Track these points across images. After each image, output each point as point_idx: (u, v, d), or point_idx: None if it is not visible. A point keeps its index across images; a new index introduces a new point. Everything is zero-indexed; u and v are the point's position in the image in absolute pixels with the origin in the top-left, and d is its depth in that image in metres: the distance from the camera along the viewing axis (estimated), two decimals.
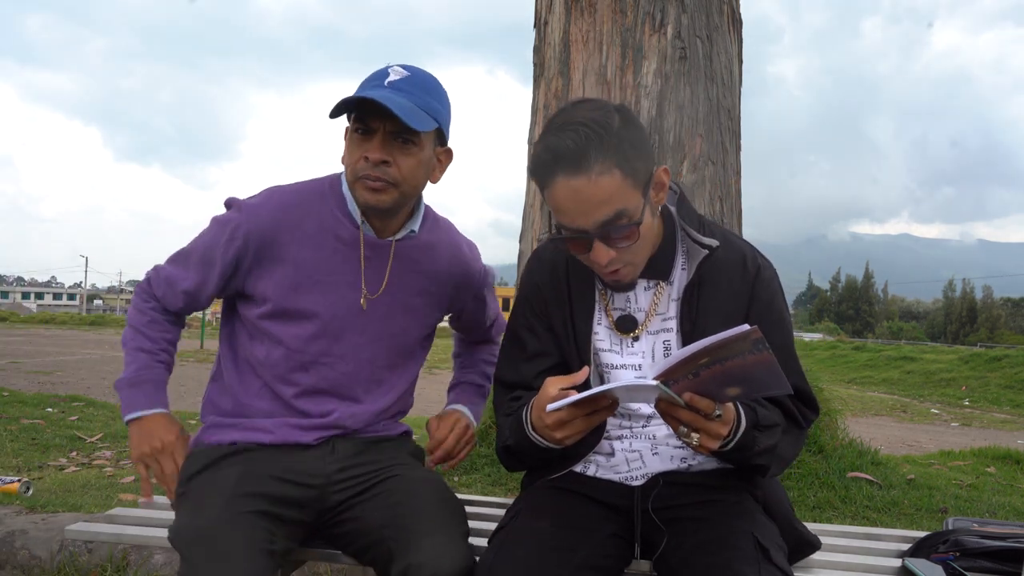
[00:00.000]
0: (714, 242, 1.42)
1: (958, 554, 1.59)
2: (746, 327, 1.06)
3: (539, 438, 1.34)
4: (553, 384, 1.29)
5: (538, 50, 3.88)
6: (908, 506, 3.33)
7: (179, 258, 1.60)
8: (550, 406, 1.23)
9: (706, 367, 1.12)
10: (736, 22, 3.84)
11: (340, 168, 1.57)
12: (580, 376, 1.29)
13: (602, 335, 1.48)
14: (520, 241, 3.94)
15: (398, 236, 1.58)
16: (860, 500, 3.30)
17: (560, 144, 1.27)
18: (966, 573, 1.54)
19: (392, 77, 1.47)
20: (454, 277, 1.68)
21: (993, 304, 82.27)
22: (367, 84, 1.47)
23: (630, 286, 1.45)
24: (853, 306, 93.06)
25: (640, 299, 1.47)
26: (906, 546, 1.72)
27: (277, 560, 1.35)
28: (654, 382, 1.14)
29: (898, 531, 1.87)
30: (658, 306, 1.46)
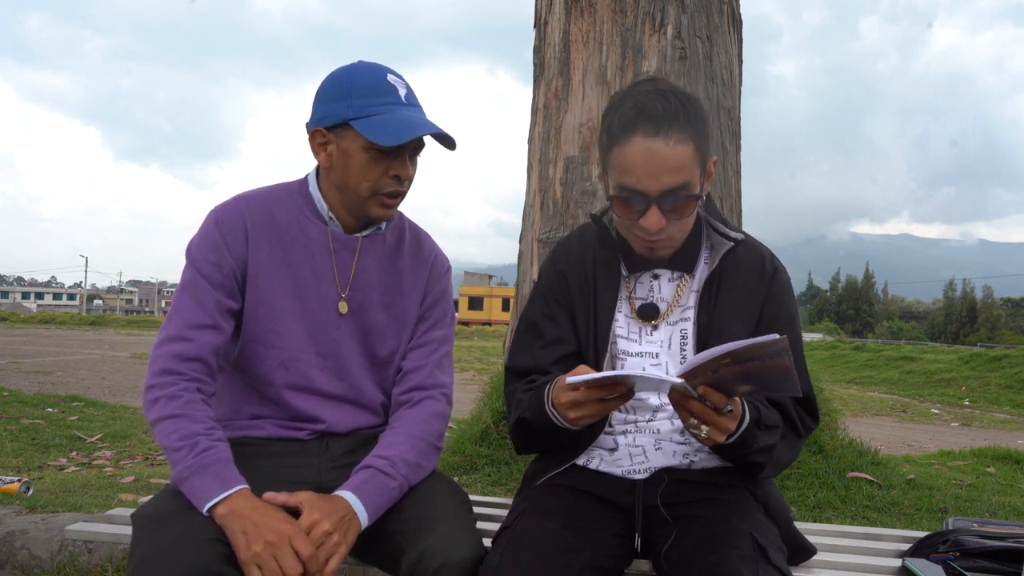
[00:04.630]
0: (740, 235, 1.48)
1: (958, 554, 1.59)
2: (775, 336, 1.10)
3: (556, 414, 1.36)
4: (582, 368, 1.32)
5: (538, 50, 3.88)
6: (908, 506, 3.33)
7: (181, 304, 1.46)
8: (570, 379, 1.25)
9: (727, 366, 1.15)
10: (736, 22, 3.84)
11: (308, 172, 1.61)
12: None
13: (621, 323, 1.51)
14: (520, 241, 3.94)
15: (365, 233, 1.60)
16: (860, 500, 3.30)
17: (649, 105, 1.33)
18: (966, 573, 1.54)
19: (401, 92, 1.48)
20: (419, 269, 1.68)
21: (993, 304, 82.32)
22: (383, 100, 1.45)
23: (661, 261, 1.49)
24: (853, 306, 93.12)
25: (663, 290, 1.52)
26: (906, 546, 1.73)
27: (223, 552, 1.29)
28: (680, 380, 1.17)
29: (898, 531, 1.87)
30: (680, 298, 1.50)
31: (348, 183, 1.50)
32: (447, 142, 1.51)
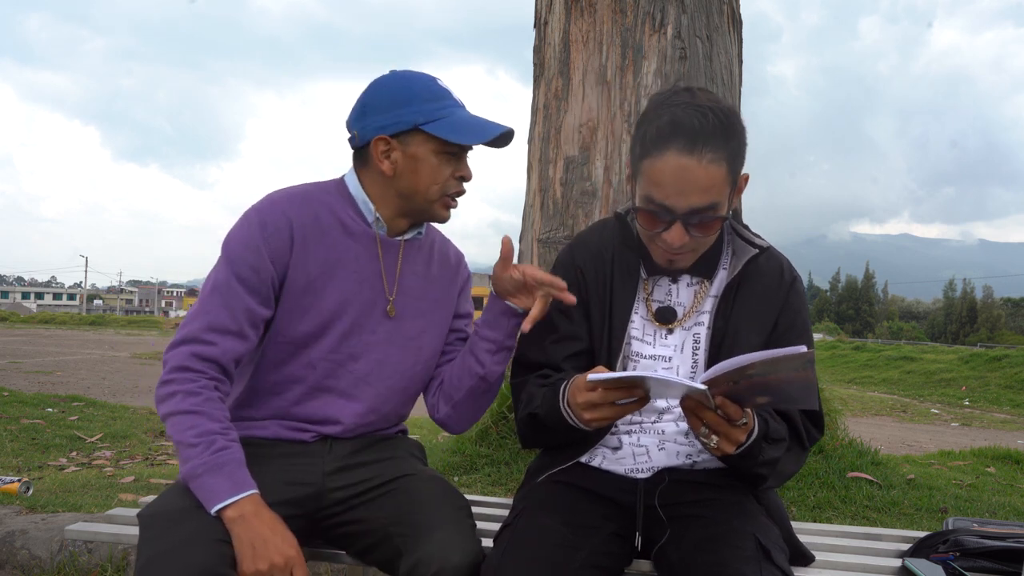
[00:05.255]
0: (765, 243, 1.47)
1: (958, 554, 1.59)
2: (803, 348, 1.08)
3: (570, 413, 1.36)
4: (601, 368, 1.32)
5: (538, 50, 3.88)
6: (908, 506, 3.32)
7: (210, 305, 1.42)
8: (591, 376, 1.25)
9: (750, 378, 1.14)
10: (736, 22, 3.84)
11: (340, 169, 1.60)
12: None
13: (637, 324, 1.51)
14: (520, 241, 3.94)
15: (407, 236, 1.59)
16: (860, 500, 3.30)
17: (686, 121, 1.30)
18: (966, 573, 1.54)
19: (455, 95, 1.52)
20: (450, 276, 1.69)
21: (993, 304, 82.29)
22: (445, 103, 1.49)
23: (677, 272, 1.49)
24: (853, 306, 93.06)
25: (681, 294, 1.51)
26: (906, 546, 1.72)
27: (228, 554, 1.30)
28: (703, 387, 1.16)
29: (898, 531, 1.87)
30: (698, 303, 1.50)
31: (417, 188, 1.50)
32: (507, 141, 1.54)
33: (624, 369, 1.49)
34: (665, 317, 1.49)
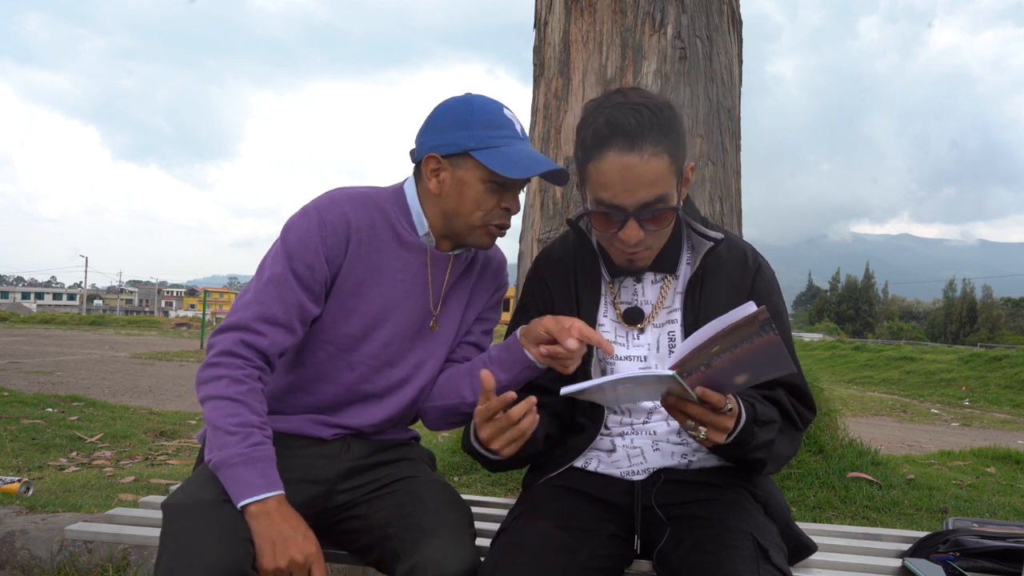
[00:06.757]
0: (719, 234, 1.48)
1: (958, 554, 1.59)
2: (752, 306, 1.08)
3: (479, 447, 1.40)
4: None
5: (538, 50, 3.88)
6: (908, 506, 3.33)
7: (265, 296, 1.44)
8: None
9: (717, 356, 1.14)
10: (736, 22, 3.84)
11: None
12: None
13: (607, 327, 1.51)
14: (520, 241, 3.94)
15: (456, 252, 1.59)
16: (860, 500, 3.30)
17: (621, 120, 1.32)
18: (966, 573, 1.54)
19: (517, 126, 1.51)
20: (486, 287, 1.70)
21: (993, 304, 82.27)
22: (504, 132, 1.48)
23: (641, 271, 1.49)
24: (853, 306, 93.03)
25: (647, 292, 1.52)
26: (906, 546, 1.73)
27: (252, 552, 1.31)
28: (670, 372, 1.16)
29: (898, 531, 1.87)
30: (664, 299, 1.50)
31: (460, 211, 1.50)
32: (558, 178, 1.52)
33: (603, 372, 1.49)
34: (633, 318, 1.50)
